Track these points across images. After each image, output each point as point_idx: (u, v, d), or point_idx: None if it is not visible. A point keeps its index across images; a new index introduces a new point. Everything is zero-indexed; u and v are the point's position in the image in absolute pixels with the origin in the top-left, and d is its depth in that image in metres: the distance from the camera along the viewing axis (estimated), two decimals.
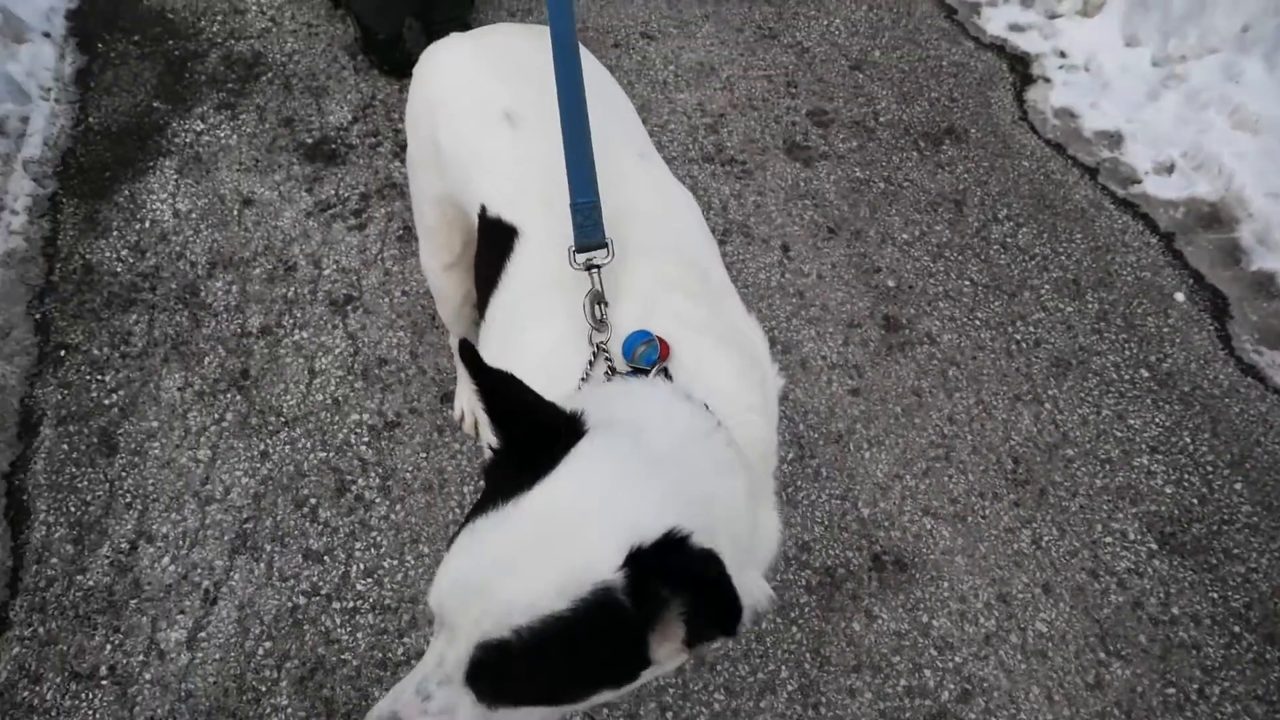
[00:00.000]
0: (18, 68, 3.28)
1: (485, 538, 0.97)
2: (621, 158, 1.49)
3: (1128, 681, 2.07)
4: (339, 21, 3.59)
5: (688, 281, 1.34)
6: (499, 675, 0.95)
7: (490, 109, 1.55)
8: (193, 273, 2.80)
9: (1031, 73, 3.55)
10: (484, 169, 1.52)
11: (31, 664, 2.09)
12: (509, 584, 0.92)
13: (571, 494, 0.97)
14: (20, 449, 2.43)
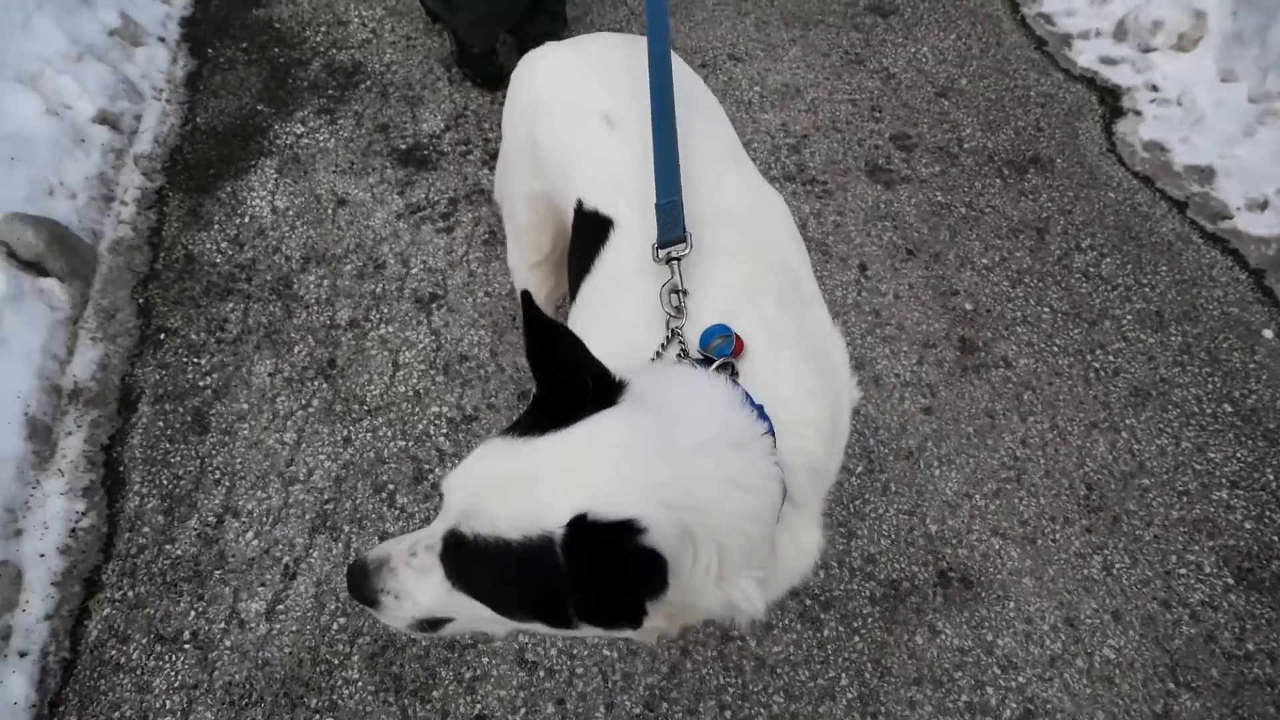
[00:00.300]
0: (134, 69, 3.50)
1: (493, 458, 1.09)
2: (715, 162, 1.55)
3: (1197, 713, 2.03)
4: (436, 36, 3.74)
5: (778, 287, 1.38)
6: (456, 563, 1.10)
7: (590, 110, 1.62)
8: (287, 266, 2.94)
9: (1122, 105, 3.52)
10: (582, 166, 1.59)
11: (120, 625, 2.21)
12: (486, 500, 1.04)
13: (570, 451, 1.04)
14: (119, 423, 2.57)
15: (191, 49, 3.72)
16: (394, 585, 1.18)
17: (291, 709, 2.07)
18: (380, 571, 1.19)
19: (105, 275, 2.88)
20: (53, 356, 2.61)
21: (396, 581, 1.18)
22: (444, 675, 2.10)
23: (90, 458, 2.48)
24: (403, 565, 1.17)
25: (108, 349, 2.71)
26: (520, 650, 2.13)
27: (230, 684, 2.10)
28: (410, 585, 1.17)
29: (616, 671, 2.10)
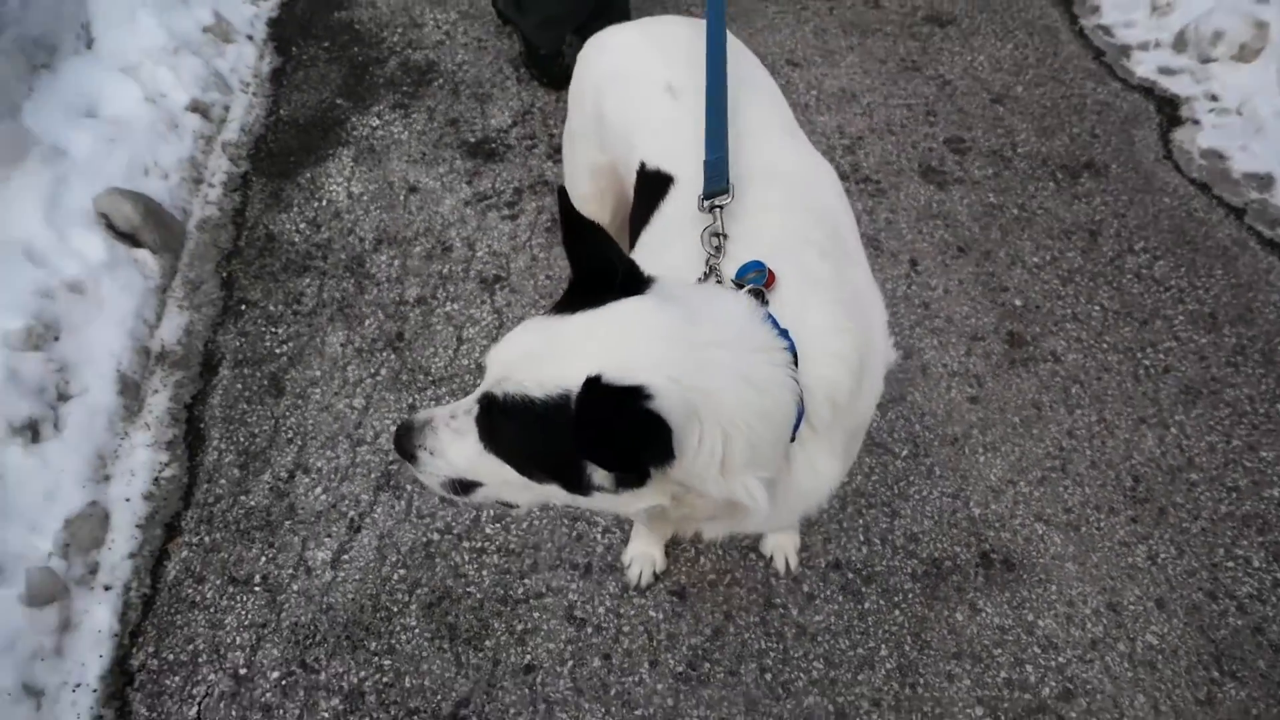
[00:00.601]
0: (224, 64, 3.71)
1: (529, 332, 1.22)
2: (768, 130, 1.67)
3: (1241, 703, 2.04)
4: (506, 38, 3.90)
5: (820, 239, 1.47)
6: (488, 423, 1.23)
7: (654, 82, 1.75)
8: (360, 247, 3.09)
9: (1180, 115, 3.54)
10: (646, 132, 1.71)
11: (196, 567, 2.35)
12: (519, 366, 1.17)
13: (595, 326, 1.16)
14: (201, 385, 2.73)
15: (277, 47, 3.93)
16: (432, 443, 1.31)
17: (352, 650, 2.18)
18: (423, 429, 1.32)
19: (193, 250, 3.06)
20: (143, 320, 2.78)
21: (436, 439, 1.30)
22: (496, 626, 2.20)
23: (174, 414, 2.64)
24: (443, 425, 1.30)
25: (193, 317, 2.89)
26: (570, 608, 2.23)
27: (296, 625, 2.23)
28: (446, 444, 1.30)
29: (661, 631, 2.18)
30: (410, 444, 1.33)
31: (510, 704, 2.08)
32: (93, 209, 2.85)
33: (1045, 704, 2.04)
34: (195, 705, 2.12)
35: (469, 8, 4.07)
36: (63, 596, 2.24)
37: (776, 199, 1.51)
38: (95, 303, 2.71)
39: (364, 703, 2.10)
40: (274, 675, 2.16)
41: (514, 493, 1.31)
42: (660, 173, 1.63)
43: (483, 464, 1.28)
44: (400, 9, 4.08)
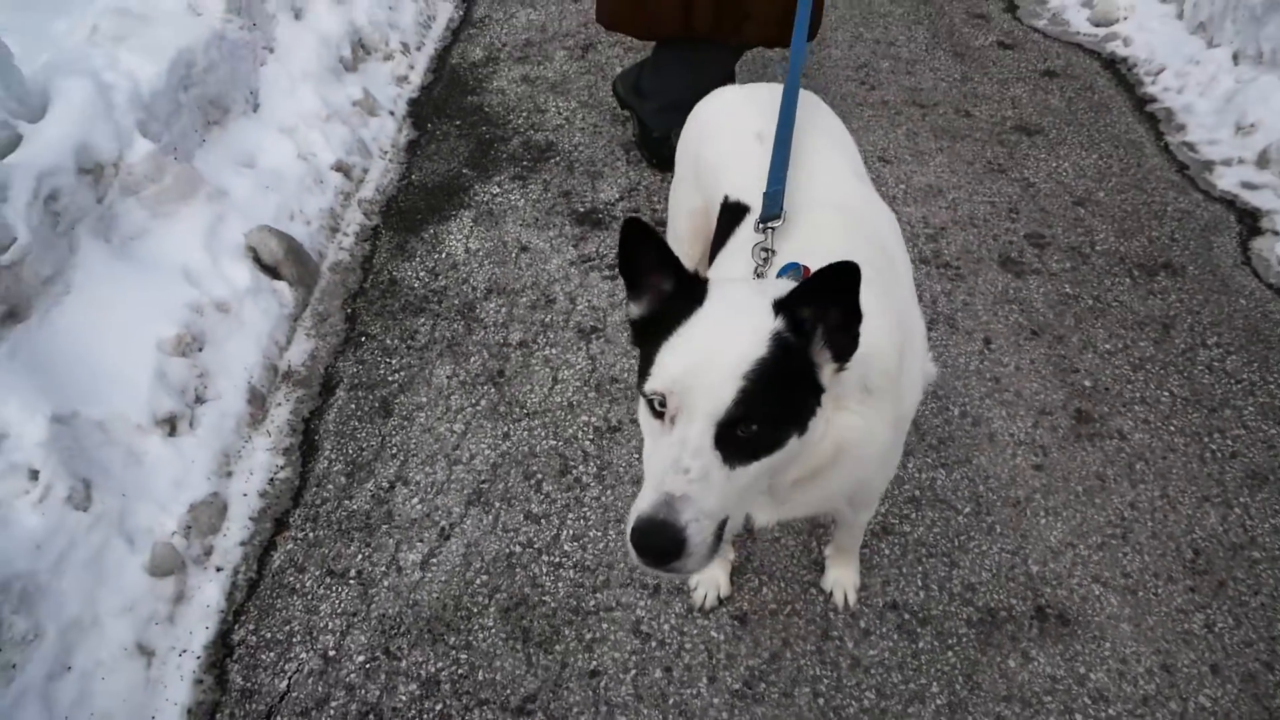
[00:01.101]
0: (367, 133, 4.15)
1: (691, 338, 1.32)
2: (839, 172, 1.93)
3: None
4: (620, 124, 4.27)
5: (870, 258, 1.68)
6: (733, 435, 1.26)
7: (745, 130, 2.02)
8: (473, 295, 3.39)
9: (1261, 226, 3.64)
10: (732, 170, 1.98)
11: (299, 558, 2.58)
12: (726, 350, 1.29)
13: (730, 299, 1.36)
14: (319, 403, 3.02)
15: (415, 122, 4.38)
16: (691, 511, 1.21)
17: (433, 643, 2.35)
18: (672, 507, 1.21)
19: (324, 287, 3.41)
20: (275, 342, 3.11)
21: (693, 505, 1.22)
22: (567, 634, 2.35)
23: (293, 426, 2.93)
24: (685, 486, 1.22)
25: (318, 344, 3.20)
26: (637, 622, 2.37)
27: (384, 616, 2.42)
28: (702, 495, 1.23)
29: (721, 651, 2.30)
30: (674, 532, 1.21)
31: (574, 703, 2.21)
32: (244, 242, 3.23)
33: None
34: (286, 679, 2.31)
35: (588, 98, 4.47)
36: (180, 571, 2.49)
37: (835, 224, 1.75)
38: (237, 322, 3.05)
39: (439, 690, 2.26)
40: (359, 659, 2.34)
41: (751, 495, 1.37)
42: (739, 204, 1.88)
43: (729, 486, 1.27)
44: (526, 96, 4.51)
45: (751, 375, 1.26)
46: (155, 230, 3.06)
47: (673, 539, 1.21)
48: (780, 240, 1.71)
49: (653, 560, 1.24)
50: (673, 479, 1.23)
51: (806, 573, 2.46)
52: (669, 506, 1.21)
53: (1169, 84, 4.54)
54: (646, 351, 1.39)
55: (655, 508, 1.22)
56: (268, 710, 2.25)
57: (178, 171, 3.16)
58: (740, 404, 1.25)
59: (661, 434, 1.32)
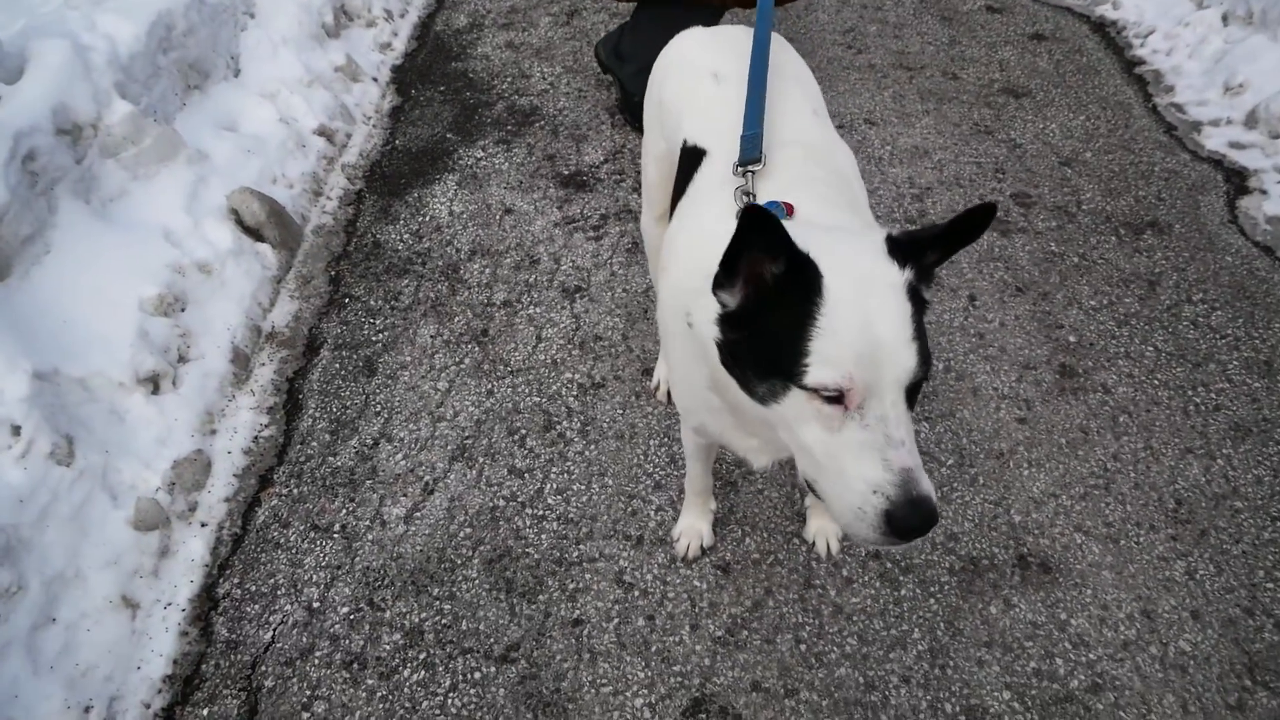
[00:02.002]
0: (350, 99, 4.12)
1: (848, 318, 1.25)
2: (802, 112, 1.91)
3: (1273, 710, 2.05)
4: (605, 88, 4.24)
5: (836, 189, 1.72)
6: (923, 376, 1.28)
7: (702, 70, 2.00)
8: (456, 256, 3.38)
9: (1248, 185, 3.63)
10: (690, 112, 1.96)
11: (284, 514, 2.57)
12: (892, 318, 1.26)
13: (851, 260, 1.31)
14: (303, 363, 3.01)
15: (398, 89, 4.35)
16: (924, 473, 1.27)
17: (416, 594, 2.36)
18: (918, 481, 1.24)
19: (307, 250, 3.39)
20: (259, 304, 3.09)
21: (922, 469, 1.27)
22: (550, 584, 2.36)
23: (277, 385, 2.92)
24: (908, 458, 1.25)
25: (302, 305, 3.19)
26: (620, 573, 2.37)
27: (368, 569, 2.42)
28: (918, 458, 1.28)
29: (704, 600, 2.31)
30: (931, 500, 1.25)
31: (557, 651, 2.22)
32: (225, 204, 3.21)
33: (1073, 695, 2.09)
34: (271, 630, 2.31)
35: (573, 63, 4.44)
36: (164, 526, 2.48)
37: (797, 160, 1.74)
38: (219, 283, 3.03)
39: (423, 640, 2.27)
40: (343, 610, 2.34)
41: None
42: (697, 148, 1.86)
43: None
44: (511, 62, 4.48)
45: (915, 333, 1.26)
46: (135, 192, 3.04)
47: (931, 508, 1.24)
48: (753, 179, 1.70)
49: (915, 535, 1.25)
50: (899, 454, 1.24)
51: (789, 523, 2.46)
52: (915, 482, 1.23)
53: (1158, 46, 4.52)
54: (772, 342, 1.32)
55: (905, 489, 1.23)
56: (252, 660, 2.25)
57: (158, 133, 3.14)
58: (921, 364, 1.26)
59: (845, 420, 1.27)
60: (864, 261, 1.31)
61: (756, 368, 1.36)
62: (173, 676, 2.22)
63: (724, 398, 1.58)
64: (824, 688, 2.13)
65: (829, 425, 1.28)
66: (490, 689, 2.16)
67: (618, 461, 2.64)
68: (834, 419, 1.27)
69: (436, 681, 2.18)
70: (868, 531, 1.26)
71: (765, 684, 2.14)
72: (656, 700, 2.12)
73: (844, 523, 1.30)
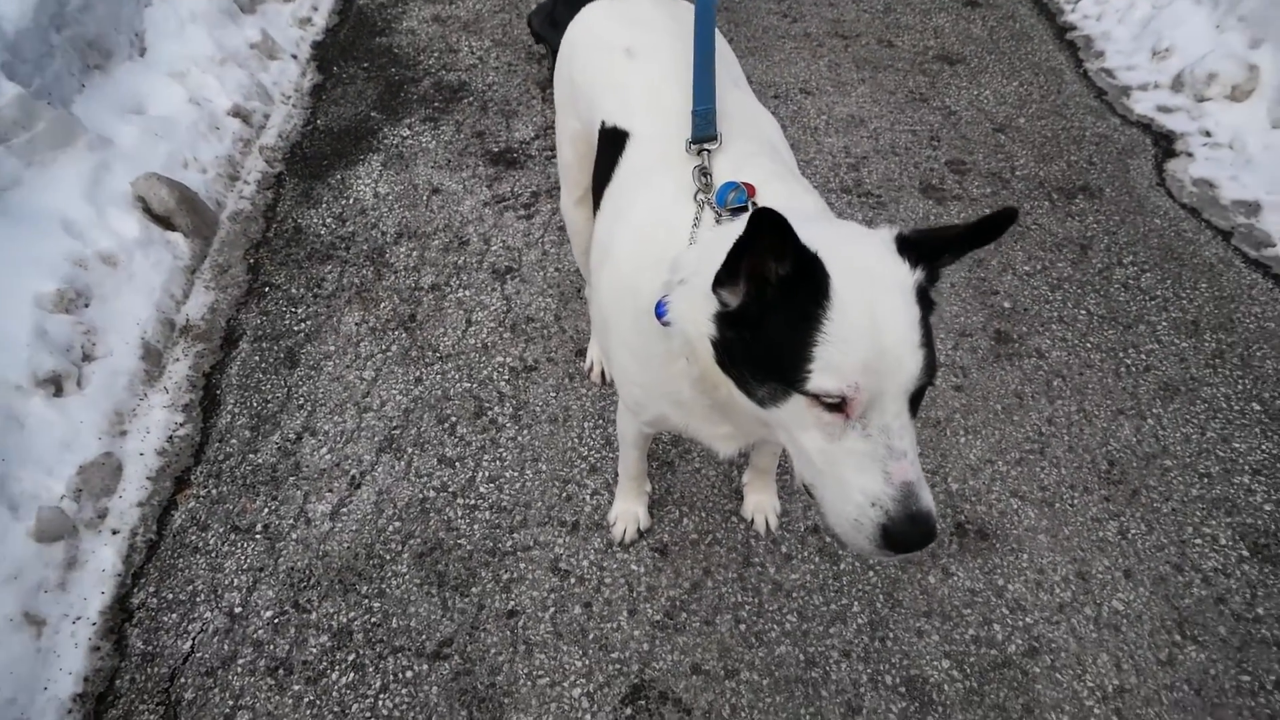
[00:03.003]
0: (267, 77, 3.96)
1: (854, 323, 1.18)
2: (722, 83, 1.83)
3: (1201, 664, 2.06)
4: (535, 62, 4.13)
5: (768, 155, 1.66)
6: (928, 383, 1.23)
7: (615, 46, 1.91)
8: (382, 239, 3.26)
9: (1175, 148, 3.66)
10: (606, 91, 1.87)
11: (202, 516, 2.46)
12: (899, 324, 1.18)
13: (858, 260, 1.23)
14: (221, 356, 2.88)
15: (319, 66, 4.19)
16: (926, 486, 1.22)
17: (344, 593, 2.27)
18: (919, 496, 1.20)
19: (224, 238, 3.25)
20: (170, 296, 2.95)
21: (923, 482, 1.22)
22: (483, 575, 2.28)
23: (193, 381, 2.79)
24: (910, 470, 1.20)
25: (218, 296, 3.05)
26: (555, 560, 2.30)
27: (292, 569, 2.32)
28: (919, 469, 1.23)
29: (642, 584, 2.25)
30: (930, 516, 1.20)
31: (491, 644, 2.15)
32: (131, 192, 3.05)
33: (1010, 659, 2.08)
34: (190, 640, 2.21)
35: (502, 36, 4.32)
36: (71, 536, 2.35)
37: (727, 132, 1.66)
38: (126, 276, 2.89)
39: (351, 640, 2.18)
40: (267, 614, 2.25)
41: None
42: (617, 129, 1.78)
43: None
44: (438, 36, 4.34)
45: (923, 339, 1.20)
46: (29, 180, 2.87)
47: (930, 525, 1.20)
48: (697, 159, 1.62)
49: (911, 550, 1.22)
50: (900, 467, 1.20)
51: (727, 502, 2.42)
52: (915, 497, 1.19)
53: (1088, 11, 4.54)
54: (775, 345, 1.25)
55: (904, 504, 1.19)
56: (170, 672, 2.15)
57: (52, 117, 2.97)
58: (926, 370, 1.20)
59: (845, 429, 1.22)
60: (872, 263, 1.24)
61: (756, 370, 1.29)
62: (84, 695, 2.11)
63: (712, 396, 1.49)
64: (764, 667, 2.09)
65: (830, 433, 1.23)
66: (423, 687, 2.09)
67: (551, 446, 2.57)
68: (835, 426, 1.22)
69: (366, 683, 2.10)
70: (864, 543, 1.22)
71: (705, 666, 2.10)
72: (595, 689, 2.07)
73: (839, 532, 1.25)
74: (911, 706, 2.02)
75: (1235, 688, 2.02)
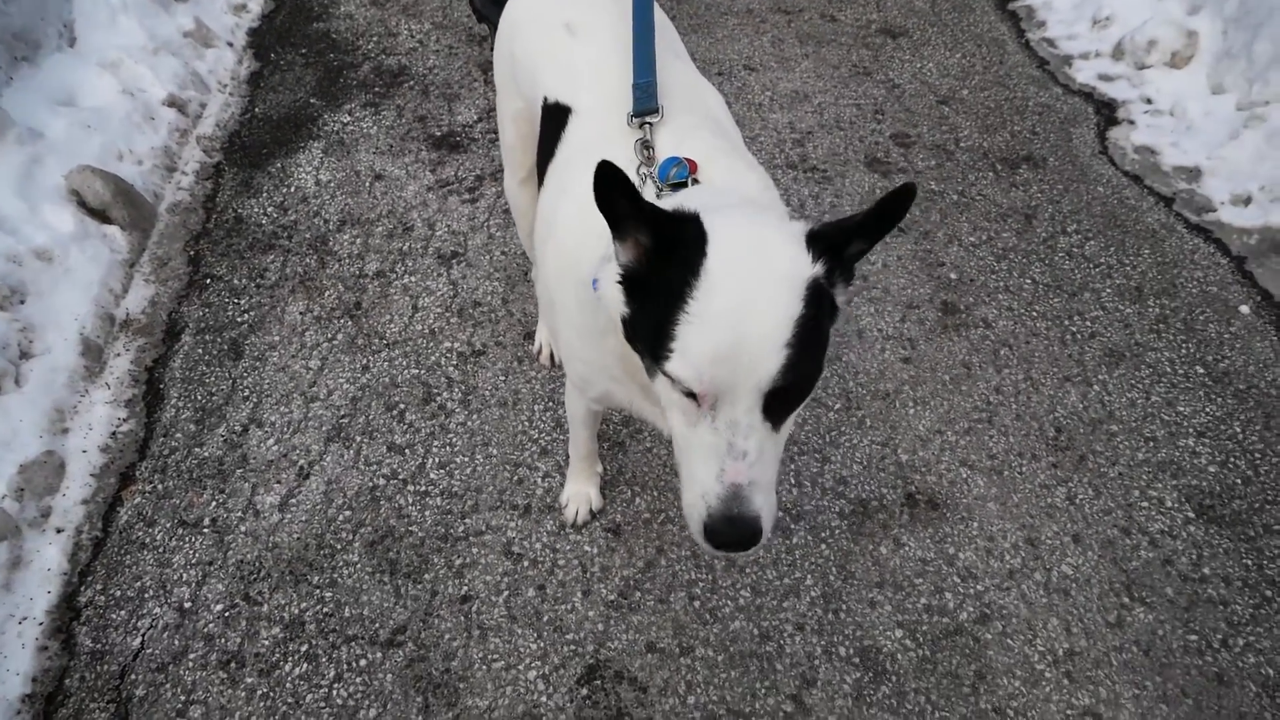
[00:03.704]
0: (203, 65, 3.87)
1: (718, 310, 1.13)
2: (663, 56, 1.82)
3: (1149, 625, 2.10)
4: (477, 44, 4.08)
5: (711, 129, 1.64)
6: (787, 388, 1.15)
7: (554, 22, 1.89)
8: (325, 227, 3.21)
9: (1116, 116, 3.71)
10: (547, 67, 1.85)
11: (148, 511, 2.41)
12: (765, 320, 1.13)
13: (746, 242, 1.18)
14: (163, 350, 2.82)
15: (256, 53, 4.10)
16: (761, 492, 1.18)
17: (295, 584, 2.24)
18: (743, 499, 1.17)
19: (162, 230, 3.18)
20: (109, 290, 2.88)
21: (759, 487, 1.18)
22: (436, 561, 2.27)
23: (135, 376, 2.73)
24: (748, 472, 1.17)
25: (159, 289, 2.99)
26: (507, 544, 2.29)
27: (242, 562, 2.29)
28: (763, 474, 1.19)
29: (595, 564, 2.25)
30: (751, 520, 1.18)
31: (445, 630, 2.14)
32: (65, 185, 2.97)
33: (962, 627, 2.11)
34: (140, 636, 2.17)
35: (442, 19, 4.26)
36: (14, 536, 2.30)
37: (671, 106, 1.65)
38: (62, 271, 2.82)
39: (304, 631, 2.16)
40: (218, 608, 2.21)
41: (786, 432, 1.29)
42: (560, 105, 1.76)
43: (777, 444, 1.22)
44: (376, 20, 4.27)
45: (794, 340, 1.12)
46: None
47: (751, 530, 1.18)
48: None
49: (730, 550, 1.22)
50: (734, 468, 1.17)
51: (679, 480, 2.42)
52: (740, 500, 1.17)
53: None
54: (653, 316, 1.21)
55: (727, 504, 1.17)
56: (120, 669, 2.11)
57: None
58: (787, 372, 1.13)
59: (700, 416, 1.19)
60: (760, 250, 1.18)
61: (643, 341, 1.26)
62: (33, 695, 2.06)
63: (627, 369, 1.49)
64: (719, 642, 2.10)
65: (688, 418, 1.21)
66: (377, 675, 2.07)
67: (501, 430, 2.56)
68: (691, 412, 1.20)
69: (320, 673, 2.08)
70: (694, 532, 1.22)
71: (660, 644, 2.10)
72: (550, 671, 2.07)
73: (685, 515, 1.26)
74: (866, 676, 2.04)
75: (1183, 647, 2.06)
